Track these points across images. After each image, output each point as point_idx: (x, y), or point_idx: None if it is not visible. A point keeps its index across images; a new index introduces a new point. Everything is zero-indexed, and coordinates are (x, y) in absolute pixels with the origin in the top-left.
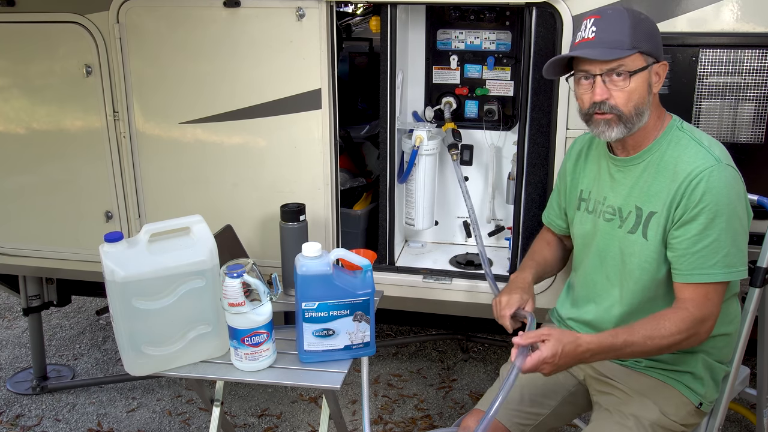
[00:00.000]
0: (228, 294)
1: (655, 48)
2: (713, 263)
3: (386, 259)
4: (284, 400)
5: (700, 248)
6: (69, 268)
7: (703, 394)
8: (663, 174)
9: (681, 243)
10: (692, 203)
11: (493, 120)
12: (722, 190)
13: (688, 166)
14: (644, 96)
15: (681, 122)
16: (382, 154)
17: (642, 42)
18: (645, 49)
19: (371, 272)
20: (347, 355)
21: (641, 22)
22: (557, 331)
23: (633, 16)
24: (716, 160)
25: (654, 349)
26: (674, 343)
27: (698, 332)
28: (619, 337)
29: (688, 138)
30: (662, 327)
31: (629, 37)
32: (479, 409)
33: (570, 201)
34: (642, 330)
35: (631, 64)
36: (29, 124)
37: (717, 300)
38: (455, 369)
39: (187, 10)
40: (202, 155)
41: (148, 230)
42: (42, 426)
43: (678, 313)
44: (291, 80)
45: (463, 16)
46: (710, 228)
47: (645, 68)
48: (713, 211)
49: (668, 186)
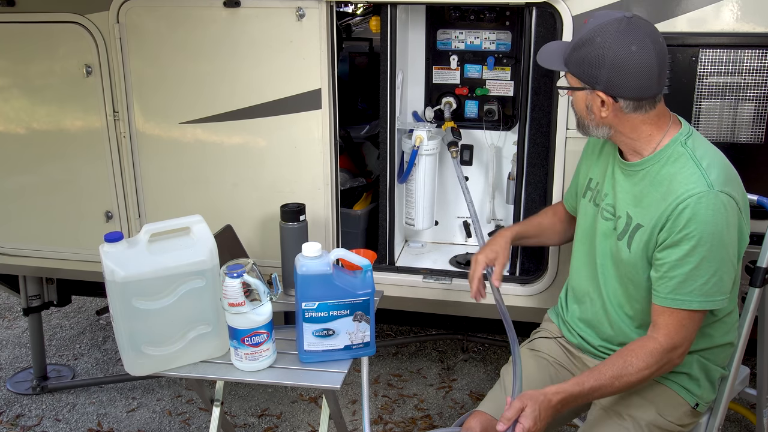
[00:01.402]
0: (228, 294)
1: (582, 74)
2: (690, 290)
3: (386, 259)
4: (284, 400)
5: (679, 274)
6: (69, 268)
7: (699, 395)
8: (656, 188)
9: (662, 266)
10: (676, 228)
11: (493, 120)
12: (708, 219)
13: (679, 188)
14: (583, 113)
15: (687, 136)
16: (382, 154)
17: (572, 64)
18: (573, 71)
19: (371, 272)
20: (347, 355)
21: (585, 45)
22: (527, 396)
23: (584, 38)
24: (708, 186)
25: (624, 386)
26: (644, 378)
27: (670, 360)
28: (585, 384)
29: (687, 157)
30: (629, 364)
31: (566, 54)
32: (481, 411)
33: (581, 185)
34: (609, 371)
35: (569, 79)
36: (29, 124)
37: (692, 328)
38: (455, 369)
39: (187, 10)
40: (202, 155)
41: (148, 230)
42: (42, 426)
43: (646, 346)
44: (291, 80)
45: (463, 16)
46: (691, 255)
47: (577, 89)
48: (696, 238)
49: (658, 203)
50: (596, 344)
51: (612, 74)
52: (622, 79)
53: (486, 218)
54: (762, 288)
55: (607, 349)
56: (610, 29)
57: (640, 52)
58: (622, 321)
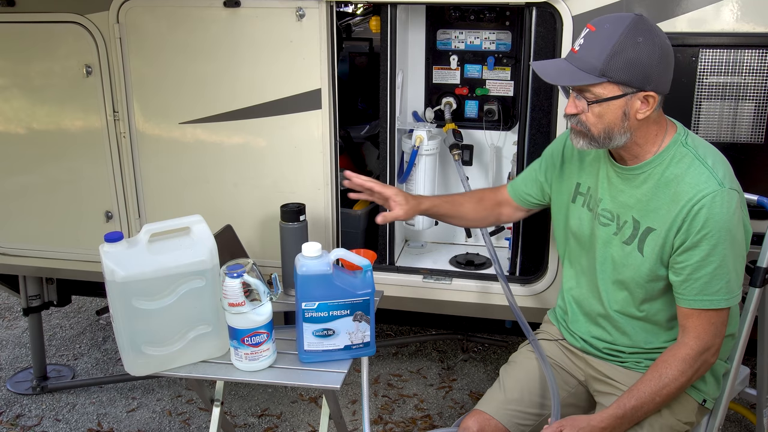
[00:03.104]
0: (228, 294)
1: (634, 78)
2: (717, 290)
3: (386, 259)
4: (284, 400)
5: (704, 274)
6: (69, 268)
7: (705, 392)
8: (663, 191)
9: (684, 269)
10: (694, 230)
11: (493, 120)
12: (724, 217)
13: (690, 189)
14: (616, 122)
15: (686, 135)
16: (382, 154)
17: (616, 71)
18: (618, 79)
19: (371, 272)
20: (347, 355)
21: (627, 48)
22: (569, 421)
23: (621, 41)
24: (719, 184)
25: (666, 399)
26: (683, 385)
27: (705, 361)
28: (627, 405)
29: (692, 156)
30: (665, 376)
31: (603, 63)
32: (479, 410)
33: (559, 189)
34: (647, 388)
35: (600, 91)
36: (29, 124)
37: (720, 326)
38: (455, 369)
39: (187, 10)
40: (202, 155)
41: (148, 230)
42: (42, 426)
43: (678, 354)
44: (291, 80)
45: (463, 16)
46: (713, 254)
47: (617, 97)
48: (716, 237)
49: (668, 205)
50: (601, 347)
51: (661, 69)
52: (668, 73)
53: None
54: (762, 288)
55: (612, 350)
56: (642, 27)
57: (668, 43)
58: (627, 324)
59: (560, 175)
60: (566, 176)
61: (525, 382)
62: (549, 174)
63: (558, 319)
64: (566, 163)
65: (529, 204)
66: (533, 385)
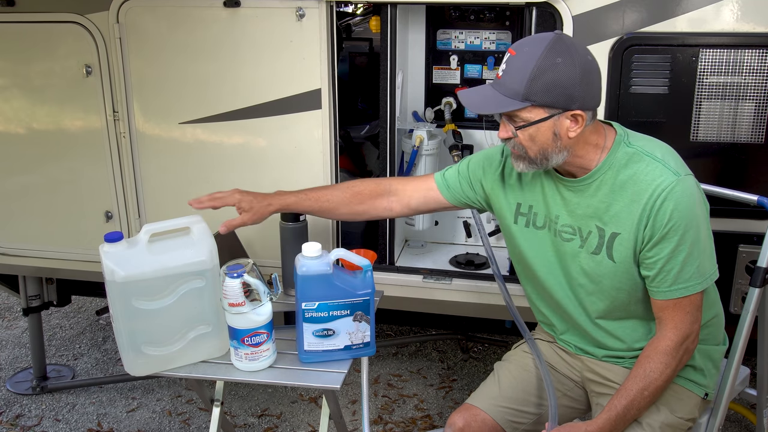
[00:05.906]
0: (228, 294)
1: (557, 100)
2: (689, 276)
3: (386, 259)
4: (284, 400)
5: (675, 264)
6: (69, 268)
7: (706, 384)
8: (620, 194)
9: (656, 263)
10: (661, 223)
11: (493, 120)
12: (687, 204)
13: (648, 186)
14: (549, 143)
15: (626, 135)
16: (382, 154)
17: (538, 94)
18: (541, 102)
19: (371, 272)
20: (347, 355)
21: (547, 71)
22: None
23: (540, 63)
24: (675, 174)
25: (655, 393)
26: (669, 377)
27: (687, 349)
28: (618, 405)
29: (639, 154)
30: (650, 370)
31: (525, 87)
32: (469, 404)
33: (500, 205)
34: (634, 385)
35: (527, 115)
36: (29, 124)
37: (696, 313)
38: (455, 369)
39: (187, 10)
40: (202, 155)
41: (148, 230)
42: (42, 426)
43: (659, 347)
44: (291, 80)
45: (463, 16)
46: (682, 244)
47: (543, 120)
48: (683, 226)
49: (629, 207)
50: (600, 355)
51: (584, 87)
52: (592, 89)
53: (486, 218)
54: (762, 288)
55: (610, 356)
56: (559, 47)
57: (592, 57)
58: (618, 328)
59: (502, 187)
60: (508, 193)
61: (521, 380)
62: (473, 182)
63: (547, 330)
64: (506, 180)
65: (459, 202)
66: (529, 384)
